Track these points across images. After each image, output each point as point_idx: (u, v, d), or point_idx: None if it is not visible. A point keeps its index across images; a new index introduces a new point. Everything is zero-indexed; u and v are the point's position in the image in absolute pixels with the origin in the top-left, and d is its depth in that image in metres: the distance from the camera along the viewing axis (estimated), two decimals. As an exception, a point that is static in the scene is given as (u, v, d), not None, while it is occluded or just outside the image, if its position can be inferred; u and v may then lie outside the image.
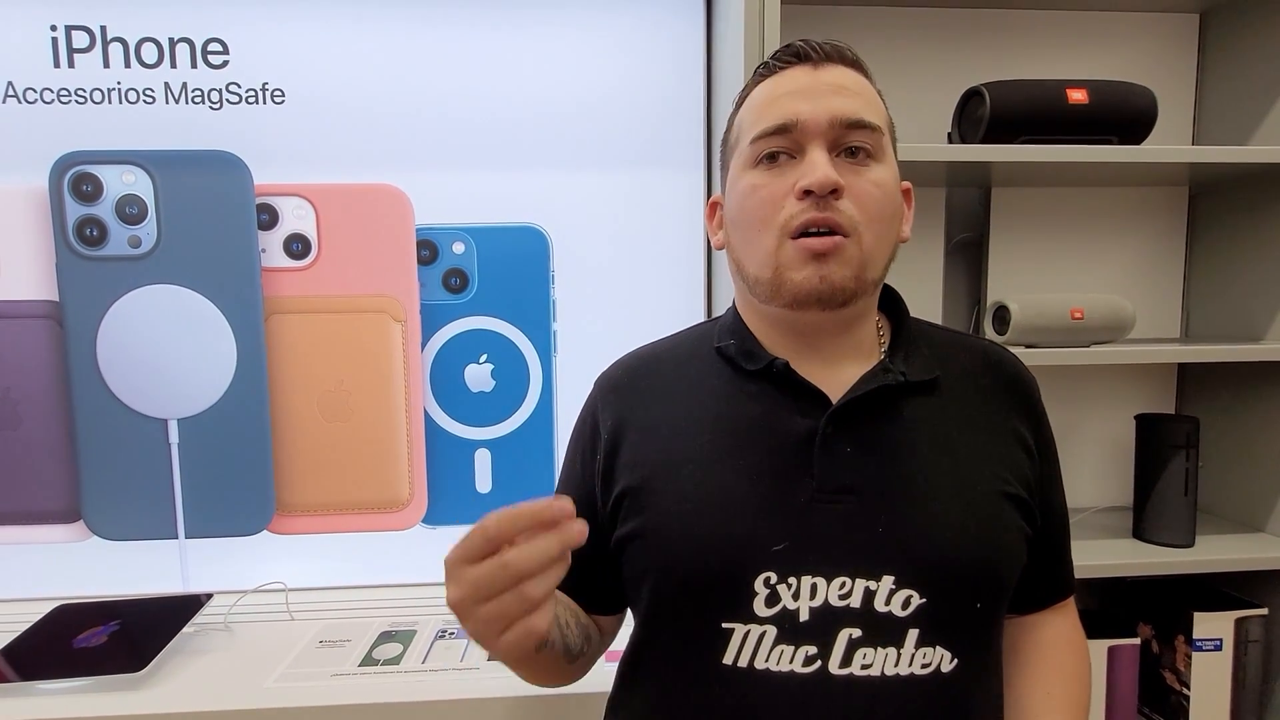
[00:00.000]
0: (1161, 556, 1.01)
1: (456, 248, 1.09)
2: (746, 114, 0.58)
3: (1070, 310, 0.99)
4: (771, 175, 0.55)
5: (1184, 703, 1.05)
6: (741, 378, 0.58)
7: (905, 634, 0.51)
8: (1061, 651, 0.63)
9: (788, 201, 0.53)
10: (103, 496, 1.07)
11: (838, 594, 0.51)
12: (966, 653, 0.53)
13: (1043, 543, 0.59)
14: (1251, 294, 1.11)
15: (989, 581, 0.54)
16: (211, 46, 1.04)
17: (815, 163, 0.52)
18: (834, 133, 0.53)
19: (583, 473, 0.63)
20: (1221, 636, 1.04)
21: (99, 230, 1.04)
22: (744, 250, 0.58)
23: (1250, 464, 1.11)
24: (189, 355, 1.06)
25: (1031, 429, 0.60)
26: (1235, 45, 1.13)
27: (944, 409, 0.57)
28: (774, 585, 0.52)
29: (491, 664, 0.89)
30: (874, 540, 0.52)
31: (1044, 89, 0.97)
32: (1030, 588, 0.61)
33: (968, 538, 0.53)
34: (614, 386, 0.63)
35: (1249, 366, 1.10)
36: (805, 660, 0.51)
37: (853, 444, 0.54)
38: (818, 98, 0.54)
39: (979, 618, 0.54)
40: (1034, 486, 0.58)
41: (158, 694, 0.82)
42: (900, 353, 0.58)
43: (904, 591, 0.51)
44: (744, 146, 0.57)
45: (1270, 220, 1.08)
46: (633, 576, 0.58)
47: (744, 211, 0.56)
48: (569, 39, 1.08)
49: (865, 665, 0.51)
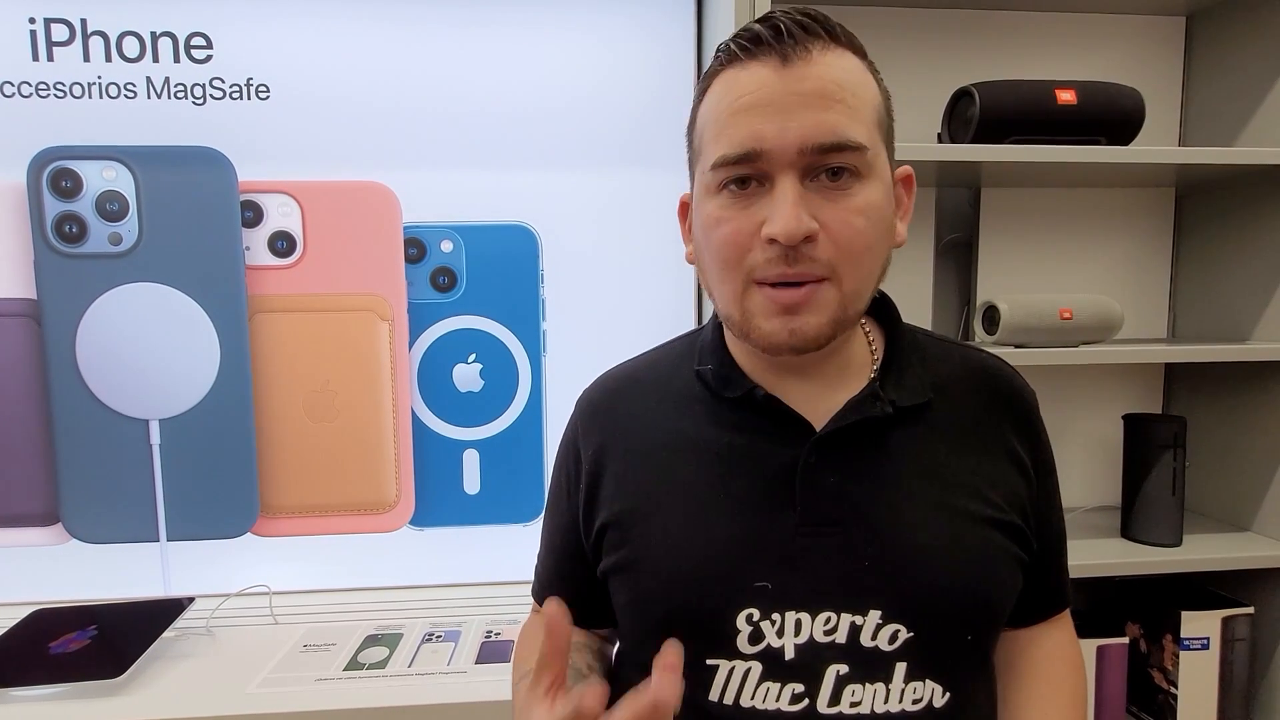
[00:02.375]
0: (1149, 556, 1.02)
1: (445, 246, 1.08)
2: (706, 119, 0.51)
3: (1059, 310, 0.99)
4: (737, 208, 0.49)
5: (1172, 701, 1.05)
6: (721, 404, 0.56)
7: (893, 668, 0.50)
8: (1057, 666, 0.61)
9: (755, 244, 0.48)
10: (82, 499, 1.05)
11: (823, 629, 0.50)
12: (959, 685, 0.51)
13: (1039, 562, 0.57)
14: (1238, 295, 1.12)
15: (980, 612, 0.52)
16: (194, 41, 1.02)
17: (782, 205, 0.46)
18: (807, 159, 0.47)
19: (568, 500, 0.61)
20: (1209, 635, 1.04)
21: (79, 227, 1.02)
22: (711, 282, 0.53)
23: (1237, 463, 1.12)
24: (171, 354, 1.04)
25: (1028, 447, 0.57)
26: (1221, 48, 1.14)
27: (934, 433, 0.54)
28: (756, 622, 0.50)
29: (479, 667, 0.88)
30: (860, 573, 0.50)
31: (1033, 89, 0.97)
32: (1026, 604, 0.58)
33: (957, 568, 0.51)
34: (594, 410, 0.61)
35: (1235, 366, 1.10)
36: (792, 698, 0.50)
37: (838, 473, 0.52)
38: (787, 113, 0.46)
39: (970, 649, 0.52)
40: (1029, 509, 0.55)
41: (137, 700, 0.81)
42: (892, 374, 0.55)
43: (891, 626, 0.50)
44: (705, 166, 0.50)
45: (1256, 221, 1.09)
46: (618, 606, 0.57)
47: (709, 244, 0.51)
48: (560, 37, 1.07)
49: (854, 703, 0.49)
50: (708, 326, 0.61)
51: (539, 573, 0.67)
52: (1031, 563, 0.56)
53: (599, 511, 0.57)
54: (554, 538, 0.63)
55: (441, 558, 1.12)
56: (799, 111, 0.46)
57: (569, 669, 0.54)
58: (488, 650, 0.92)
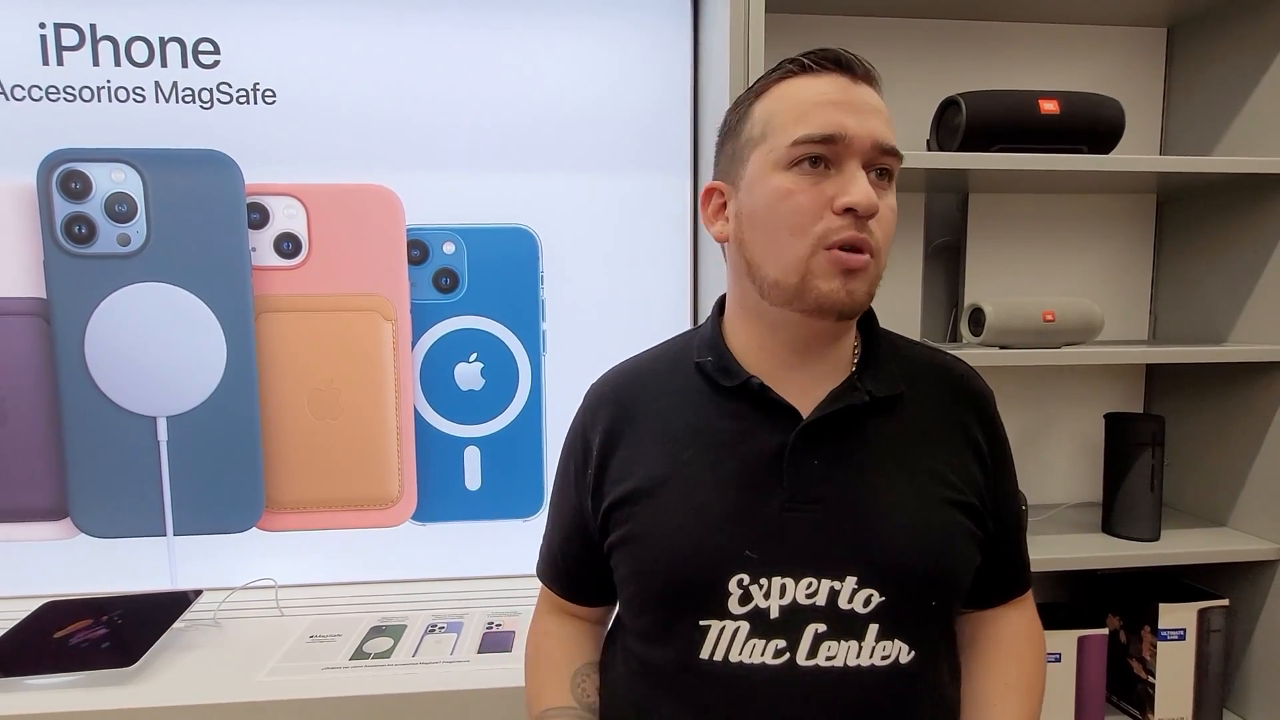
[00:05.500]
0: (1128, 550, 1.05)
1: (447, 248, 1.10)
2: (780, 110, 0.56)
3: (1042, 313, 1.02)
4: (810, 183, 0.54)
5: (1150, 690, 1.09)
6: (719, 393, 0.61)
7: (866, 629, 0.55)
8: (1018, 642, 0.66)
9: (826, 214, 0.54)
10: (90, 494, 1.07)
11: (805, 593, 0.55)
12: (923, 646, 0.57)
13: (997, 543, 0.63)
14: (1216, 298, 1.16)
15: (942, 581, 0.58)
16: (202, 46, 1.04)
17: (859, 183, 0.53)
18: (872, 154, 0.55)
19: (575, 484, 0.66)
20: (1185, 627, 1.08)
21: (87, 228, 1.04)
22: (764, 251, 0.57)
23: (1213, 461, 1.16)
24: (178, 353, 1.07)
25: (986, 439, 0.63)
26: (1201, 59, 1.17)
27: (905, 424, 0.60)
28: (746, 586, 0.56)
29: (482, 656, 0.91)
30: (838, 545, 0.56)
31: (1018, 99, 1.00)
32: (986, 585, 0.64)
33: (923, 543, 0.57)
34: (602, 402, 0.66)
35: (1213, 367, 1.14)
36: (775, 653, 0.55)
37: (820, 458, 0.57)
38: (861, 115, 0.54)
39: (934, 614, 0.58)
40: (985, 493, 0.62)
41: (149, 688, 0.83)
42: (870, 370, 0.61)
43: (865, 591, 0.55)
44: (778, 145, 0.55)
45: (1233, 227, 1.12)
46: (621, 577, 0.62)
47: (774, 214, 0.56)
48: (559, 44, 1.10)
49: (830, 657, 0.55)
50: (706, 324, 0.66)
51: (544, 552, 0.72)
52: (989, 543, 0.61)
53: (607, 492, 0.62)
54: (561, 519, 0.69)
55: (443, 552, 1.15)
56: (870, 116, 0.55)
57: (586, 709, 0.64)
58: (489, 640, 0.94)
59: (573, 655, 0.68)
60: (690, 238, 1.15)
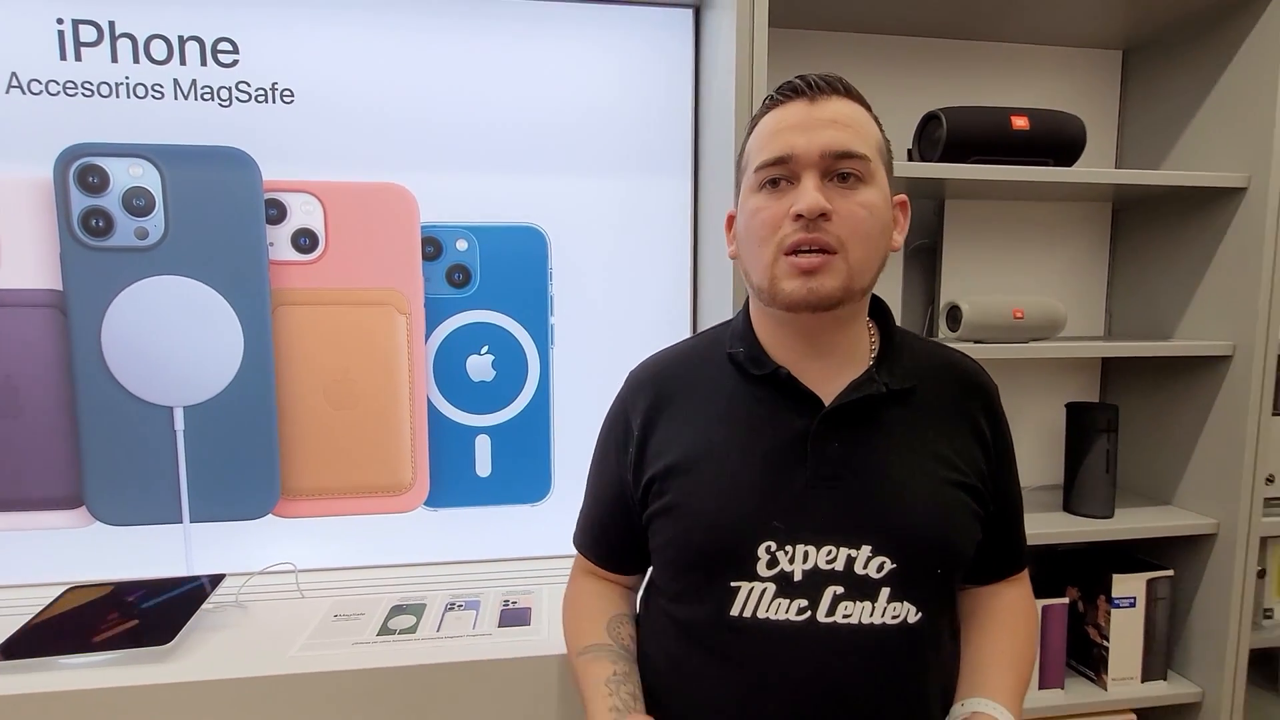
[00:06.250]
0: (1086, 526, 1.16)
1: (460, 245, 1.15)
2: (753, 143, 0.66)
3: (1013, 310, 1.12)
4: (772, 199, 0.63)
5: (1104, 654, 1.20)
6: (749, 381, 0.68)
7: (879, 591, 0.63)
8: (1013, 615, 0.74)
9: (785, 223, 0.62)
10: (106, 482, 1.09)
11: (825, 559, 0.62)
12: (928, 609, 0.64)
13: (996, 524, 0.70)
14: (1164, 297, 1.27)
15: (946, 552, 0.65)
16: (221, 46, 1.07)
17: (805, 190, 0.61)
18: (824, 162, 0.61)
19: (616, 462, 0.73)
20: (1135, 595, 1.19)
21: (105, 221, 1.06)
22: (749, 261, 0.66)
23: (1161, 446, 1.28)
24: (196, 345, 1.09)
25: (990, 428, 0.70)
26: (1153, 79, 1.29)
27: (916, 413, 0.67)
28: (774, 552, 0.63)
29: (503, 630, 0.96)
30: (855, 517, 0.63)
31: (992, 115, 1.10)
32: (987, 563, 0.72)
33: (930, 518, 0.64)
34: (642, 386, 0.73)
35: (1162, 360, 1.26)
36: (798, 611, 0.62)
37: (840, 440, 0.64)
38: (812, 131, 0.61)
39: (938, 581, 0.65)
40: (987, 476, 0.69)
41: (189, 664, 0.87)
42: (886, 363, 0.68)
43: (879, 558, 0.63)
44: (750, 173, 0.66)
45: (1181, 234, 1.24)
46: (658, 545, 0.69)
47: (749, 229, 0.65)
48: (569, 53, 1.15)
49: (846, 615, 0.62)
50: (737, 318, 0.74)
51: (583, 524, 0.80)
52: (989, 522, 0.69)
53: (647, 468, 0.69)
54: (600, 493, 0.76)
55: (454, 537, 1.20)
56: (820, 130, 0.62)
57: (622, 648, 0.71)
58: (508, 616, 1.00)
59: (608, 607, 0.76)
60: (690, 238, 1.22)
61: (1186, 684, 1.21)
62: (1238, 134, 1.13)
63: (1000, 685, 0.68)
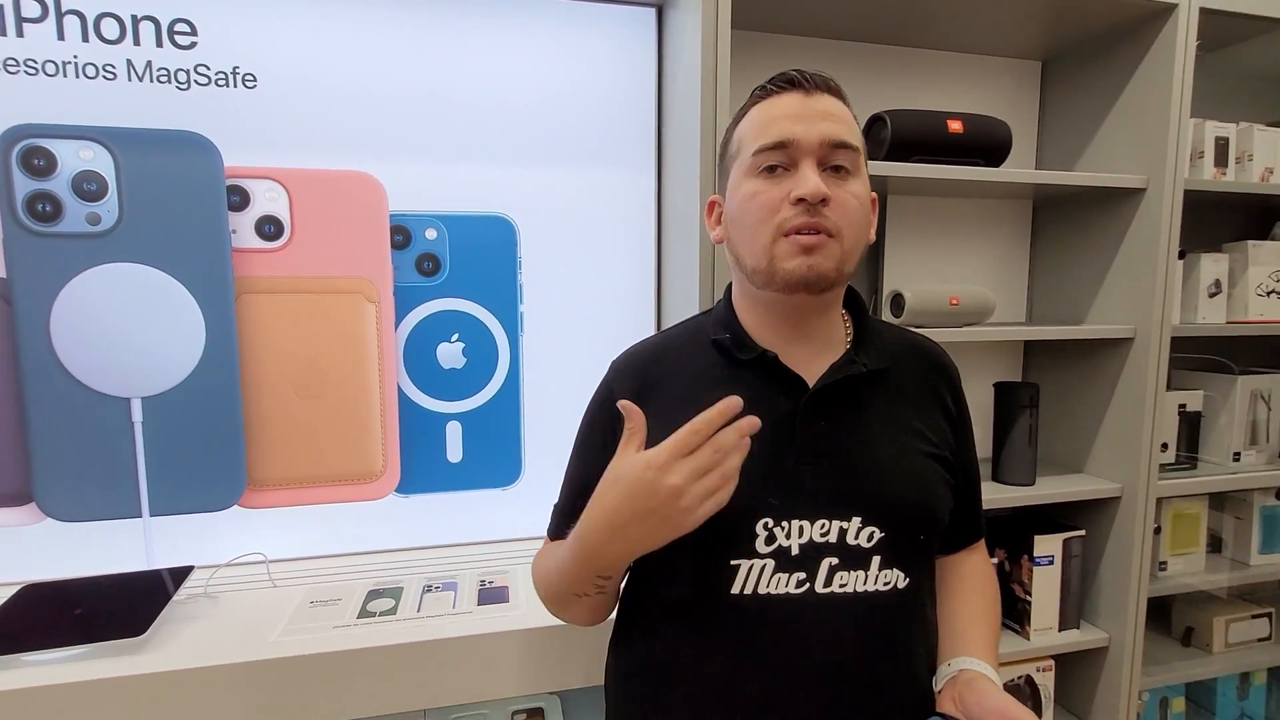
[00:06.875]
0: (1012, 493, 1.28)
1: (429, 234, 1.16)
2: (747, 130, 0.68)
3: (949, 298, 1.23)
4: (770, 183, 0.65)
5: (1027, 608, 1.33)
6: (735, 365, 0.70)
7: (870, 560, 0.66)
8: (981, 581, 0.80)
9: (783, 206, 0.64)
10: (57, 477, 1.05)
11: (819, 532, 0.66)
12: (914, 573, 0.69)
13: (961, 494, 0.75)
14: (1077, 286, 1.42)
15: (928, 519, 0.70)
16: (178, 27, 1.04)
17: (808, 176, 0.63)
18: (822, 151, 0.64)
19: (602, 447, 0.71)
20: (1053, 554, 1.33)
21: (52, 206, 1.02)
22: (743, 244, 0.68)
23: (1075, 419, 1.43)
24: (154, 334, 1.07)
25: (953, 404, 0.76)
26: (1068, 88, 1.42)
27: (891, 392, 0.72)
28: (771, 528, 0.65)
29: (483, 608, 0.99)
30: (844, 490, 0.67)
31: (932, 119, 1.19)
32: (953, 531, 0.76)
33: (912, 487, 0.69)
34: (627, 373, 0.74)
35: (1075, 343, 1.40)
36: (797, 584, 0.65)
37: (825, 419, 0.68)
38: (810, 121, 0.64)
39: (922, 547, 0.70)
40: (954, 448, 0.74)
41: (165, 655, 0.86)
42: (862, 347, 0.71)
43: (869, 528, 0.66)
44: (745, 157, 0.67)
45: (1091, 229, 1.38)
46: None
47: (745, 212, 0.67)
48: (539, 47, 1.18)
49: (842, 585, 0.66)
50: (718, 306, 0.77)
51: (560, 516, 0.77)
52: (956, 490, 0.74)
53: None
54: (584, 481, 0.73)
55: (426, 522, 1.21)
56: (818, 121, 0.65)
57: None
58: (486, 594, 1.03)
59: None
60: (654, 228, 1.27)
61: (1096, 631, 1.36)
62: (1138, 139, 1.28)
63: (980, 644, 0.73)
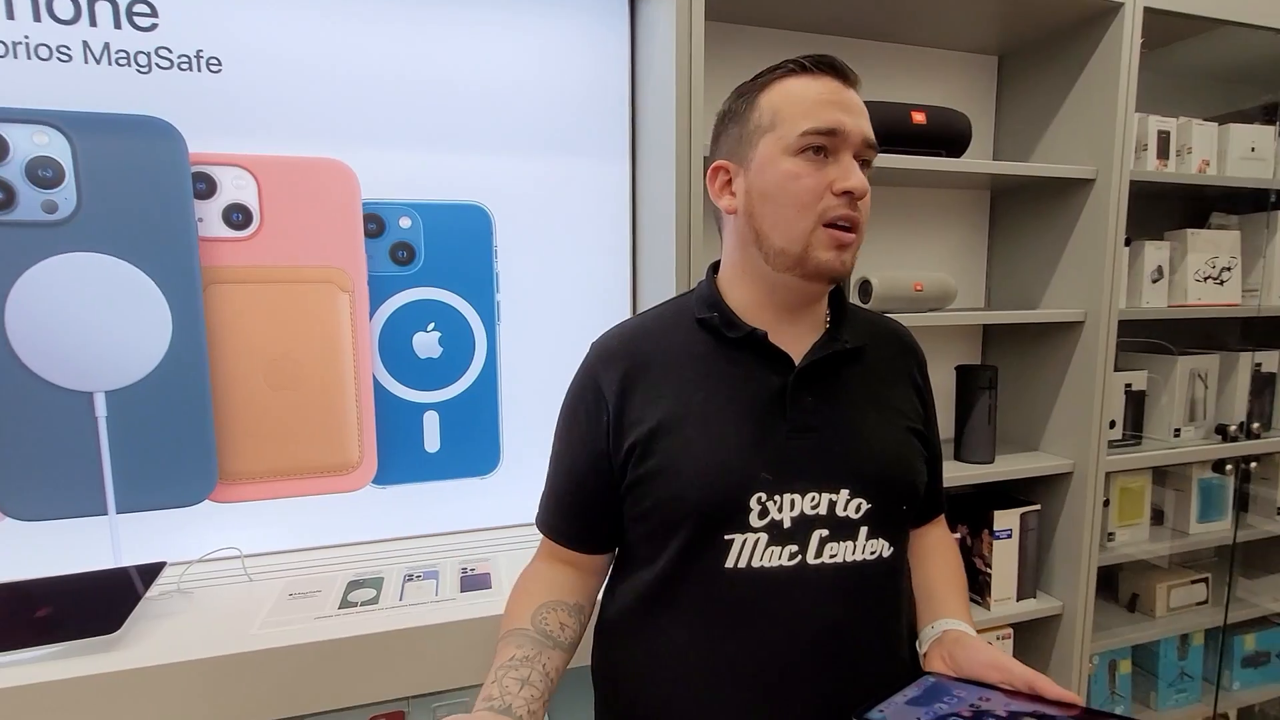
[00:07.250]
0: (973, 471, 1.34)
1: (403, 222, 1.15)
2: (786, 104, 0.67)
3: (914, 284, 1.27)
4: (813, 168, 0.66)
5: (988, 580, 1.40)
6: (722, 344, 0.71)
7: (858, 530, 0.69)
8: (948, 549, 0.85)
9: (826, 195, 0.65)
10: (17, 476, 1.02)
11: (810, 505, 0.67)
12: (897, 542, 0.72)
13: (930, 467, 0.78)
14: (1032, 272, 1.48)
15: (910, 490, 0.73)
16: (138, 8, 1.01)
17: (853, 169, 0.65)
18: (860, 147, 0.67)
19: (588, 432, 0.72)
20: (1011, 527, 1.40)
21: (5, 193, 0.97)
22: (773, 223, 0.67)
23: (1030, 400, 1.50)
24: (117, 325, 1.03)
25: (922, 381, 0.80)
26: (1023, 82, 1.48)
27: (869, 369, 0.74)
28: (764, 502, 0.67)
29: (466, 595, 1.00)
30: (832, 464, 0.69)
31: (897, 110, 1.23)
32: (923, 507, 0.80)
33: (895, 459, 0.72)
34: (611, 354, 0.73)
35: (1030, 327, 1.47)
36: (789, 556, 0.67)
37: (813, 394, 0.70)
38: (855, 115, 0.66)
39: (904, 517, 0.73)
40: (925, 424, 0.78)
41: (140, 652, 0.84)
42: (842, 326, 0.74)
43: (856, 499, 0.69)
44: (788, 134, 0.66)
45: (1044, 218, 1.45)
46: (644, 510, 0.70)
47: (784, 193, 0.66)
48: (513, 35, 1.17)
49: (832, 555, 0.68)
50: (701, 287, 0.77)
51: (548, 504, 0.78)
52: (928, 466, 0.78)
53: (628, 433, 0.69)
54: (569, 466, 0.75)
55: (404, 513, 1.21)
56: (860, 116, 0.67)
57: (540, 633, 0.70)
58: (469, 581, 1.04)
59: (547, 591, 0.74)
60: (629, 216, 1.28)
61: (1050, 599, 1.43)
62: (1088, 132, 1.34)
63: (958, 607, 0.77)
